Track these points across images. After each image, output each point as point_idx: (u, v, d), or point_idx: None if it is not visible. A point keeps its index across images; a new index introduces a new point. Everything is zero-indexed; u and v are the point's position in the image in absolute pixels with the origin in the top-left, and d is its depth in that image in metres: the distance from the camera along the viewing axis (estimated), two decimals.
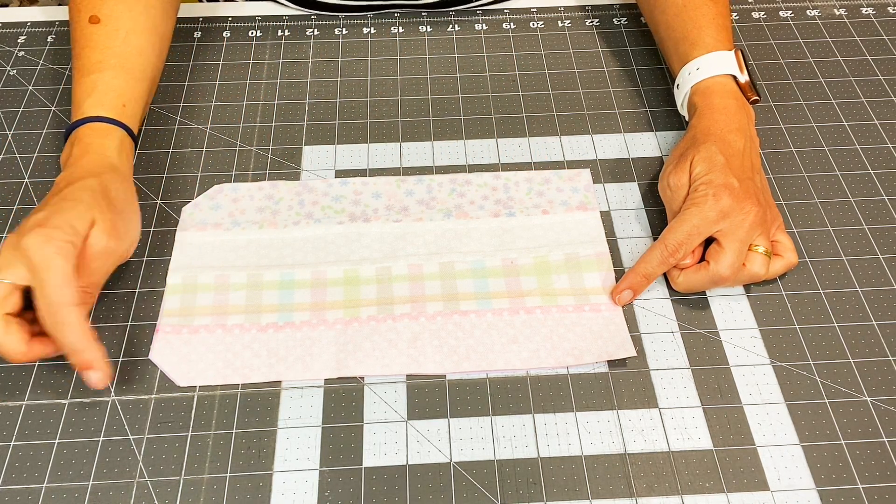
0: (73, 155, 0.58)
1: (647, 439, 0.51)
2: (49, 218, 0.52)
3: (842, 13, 0.80)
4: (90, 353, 0.50)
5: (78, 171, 0.56)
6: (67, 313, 0.49)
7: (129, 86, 0.62)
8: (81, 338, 0.50)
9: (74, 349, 0.50)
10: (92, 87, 0.60)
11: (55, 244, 0.50)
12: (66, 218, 0.52)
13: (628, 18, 0.79)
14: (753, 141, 0.61)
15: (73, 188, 0.54)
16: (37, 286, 0.50)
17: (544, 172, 0.66)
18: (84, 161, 0.57)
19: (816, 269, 0.60)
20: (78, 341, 0.50)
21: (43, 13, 0.80)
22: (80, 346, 0.50)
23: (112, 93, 0.61)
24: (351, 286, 0.58)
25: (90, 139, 0.58)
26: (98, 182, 0.55)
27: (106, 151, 0.58)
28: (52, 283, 0.49)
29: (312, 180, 0.65)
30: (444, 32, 0.78)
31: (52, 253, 0.50)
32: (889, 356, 0.55)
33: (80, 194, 0.54)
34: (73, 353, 0.50)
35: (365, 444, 0.51)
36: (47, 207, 0.53)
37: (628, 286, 0.57)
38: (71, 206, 0.53)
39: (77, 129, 0.59)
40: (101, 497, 0.49)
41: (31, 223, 0.52)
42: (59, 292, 0.49)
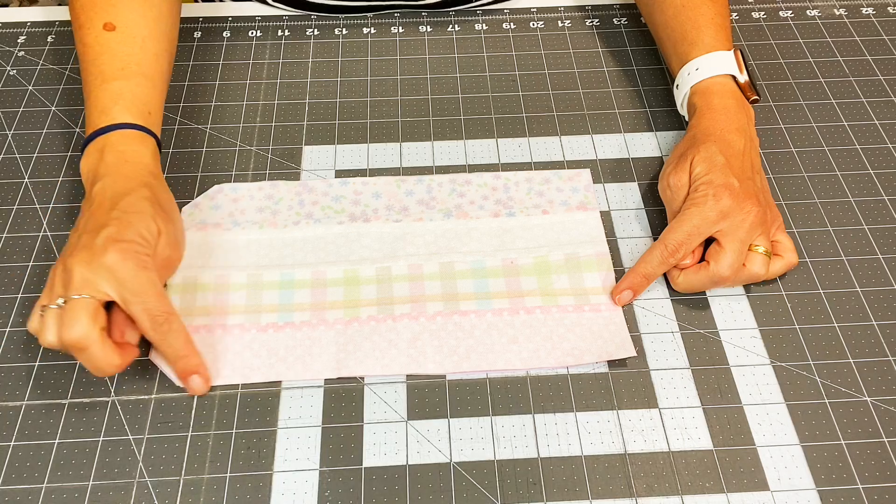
0: (108, 163, 0.56)
1: (647, 439, 0.51)
2: (121, 233, 0.51)
3: (842, 13, 0.80)
4: (195, 358, 0.53)
5: (123, 182, 0.55)
6: (173, 321, 0.51)
7: (152, 94, 0.61)
8: (186, 344, 0.52)
9: (181, 355, 0.52)
10: (118, 94, 0.59)
11: (139, 258, 0.51)
12: (138, 231, 0.52)
13: (628, 18, 0.79)
14: (753, 141, 0.61)
15: (131, 199, 0.54)
16: (135, 300, 0.50)
17: (544, 172, 0.66)
18: (125, 169, 0.56)
19: (816, 269, 0.60)
20: (183, 347, 0.52)
21: (43, 13, 0.80)
22: (185, 352, 0.52)
23: (138, 100, 0.60)
24: (351, 286, 0.58)
25: (125, 147, 0.57)
26: (150, 192, 0.55)
27: (144, 159, 0.57)
28: (152, 296, 0.51)
29: (312, 180, 0.65)
30: (444, 32, 0.78)
31: (140, 268, 0.51)
32: (889, 356, 0.55)
33: (142, 205, 0.54)
34: (179, 359, 0.52)
35: (365, 444, 0.51)
36: (112, 222, 0.52)
37: (628, 286, 0.57)
38: (138, 218, 0.53)
39: (106, 136, 0.57)
40: (101, 497, 0.49)
41: (104, 239, 0.51)
42: (161, 303, 0.51)
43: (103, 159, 0.56)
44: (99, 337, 0.49)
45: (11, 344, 0.56)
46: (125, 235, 0.51)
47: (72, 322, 0.49)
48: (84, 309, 0.49)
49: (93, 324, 0.49)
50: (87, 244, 0.51)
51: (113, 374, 0.52)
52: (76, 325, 0.48)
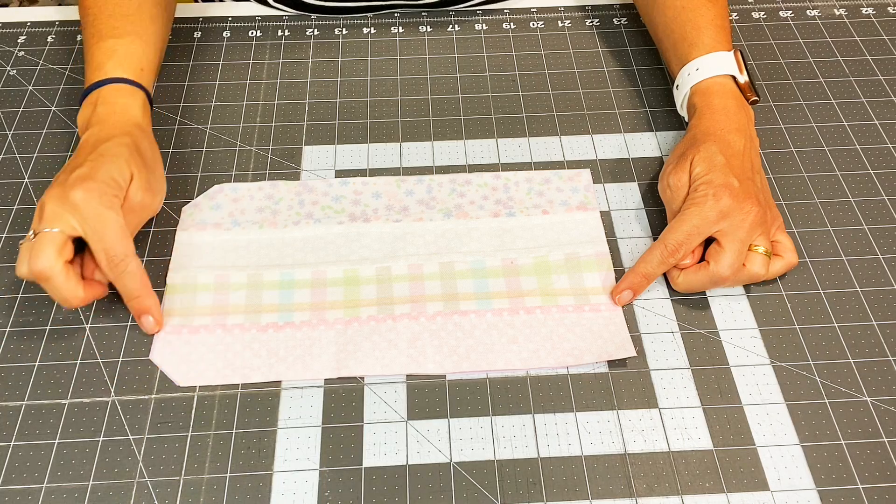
0: (98, 114, 0.60)
1: (647, 439, 0.51)
2: (92, 172, 0.54)
3: (842, 13, 0.80)
4: (149, 298, 0.55)
5: (108, 129, 0.58)
6: (129, 262, 0.54)
7: (145, 51, 0.64)
8: (141, 285, 0.55)
9: (135, 295, 0.54)
10: (111, 50, 0.63)
11: (105, 198, 0.54)
12: (109, 172, 0.55)
13: (628, 18, 0.79)
14: (753, 141, 0.61)
15: (109, 144, 0.57)
16: (94, 239, 0.53)
17: (544, 172, 0.66)
18: (112, 119, 0.59)
19: (816, 269, 0.60)
20: (138, 288, 0.54)
21: (43, 13, 0.80)
22: (140, 293, 0.54)
23: (132, 57, 0.63)
24: (351, 286, 0.58)
25: (115, 99, 0.61)
26: (131, 139, 0.58)
27: (131, 111, 0.61)
28: (112, 236, 0.53)
29: (312, 180, 0.65)
30: (444, 32, 0.78)
31: (105, 207, 0.53)
32: (889, 356, 0.55)
33: (118, 150, 0.57)
34: (133, 299, 0.55)
35: (365, 444, 0.51)
36: (87, 163, 0.55)
37: (628, 286, 0.57)
38: (111, 161, 0.55)
39: (99, 90, 0.61)
40: (101, 497, 0.49)
41: (75, 177, 0.54)
42: (119, 244, 0.53)
43: (95, 111, 0.60)
44: (62, 268, 0.52)
45: (11, 344, 0.56)
46: (95, 175, 0.54)
47: (38, 253, 0.52)
48: (50, 241, 0.52)
49: (57, 256, 0.52)
50: (61, 181, 0.54)
51: (77, 307, 0.55)
52: (41, 256, 0.51)
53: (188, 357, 0.55)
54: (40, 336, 0.56)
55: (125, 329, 0.56)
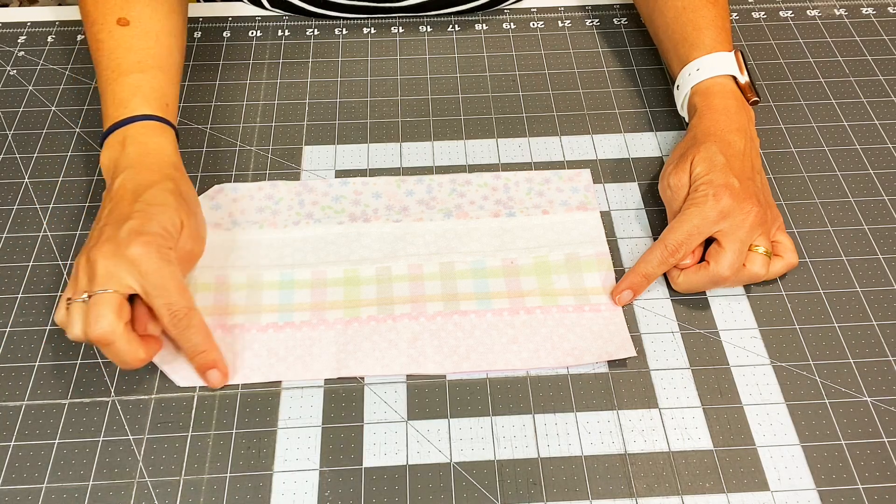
0: (129, 155, 0.56)
1: (647, 439, 0.51)
2: (144, 226, 0.51)
3: (842, 13, 0.80)
4: (214, 352, 0.53)
5: (146, 174, 0.55)
6: (192, 316, 0.52)
7: (168, 86, 0.62)
8: (206, 339, 0.53)
9: (200, 350, 0.52)
10: (135, 86, 0.60)
11: (163, 252, 0.51)
12: (162, 223, 0.52)
13: (628, 18, 0.79)
14: (754, 141, 0.61)
15: (154, 192, 0.54)
16: (155, 294, 0.51)
17: (544, 172, 0.66)
18: (147, 161, 0.56)
19: (816, 269, 0.60)
20: (203, 342, 0.52)
21: (43, 13, 0.80)
22: (204, 347, 0.52)
23: (156, 92, 0.60)
24: (351, 286, 0.58)
25: (147, 138, 0.58)
26: (174, 185, 0.55)
27: (165, 150, 0.58)
28: (174, 290, 0.51)
29: (312, 180, 0.65)
30: (444, 32, 0.78)
31: (163, 261, 0.51)
32: (889, 356, 0.55)
33: (165, 198, 0.54)
34: (198, 354, 0.52)
35: (365, 444, 0.51)
36: (136, 215, 0.52)
37: (628, 286, 0.57)
38: (161, 212, 0.53)
39: (125, 128, 0.58)
40: (101, 497, 0.49)
41: (128, 232, 0.51)
42: (182, 297, 0.51)
43: (125, 151, 0.57)
44: (124, 331, 0.50)
45: (11, 344, 0.56)
46: (149, 228, 0.51)
47: (97, 317, 0.49)
48: (108, 304, 0.49)
49: (118, 319, 0.49)
50: (110, 236, 0.51)
51: (139, 368, 0.52)
52: (101, 320, 0.49)
53: None
54: (40, 336, 0.56)
55: None
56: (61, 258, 0.60)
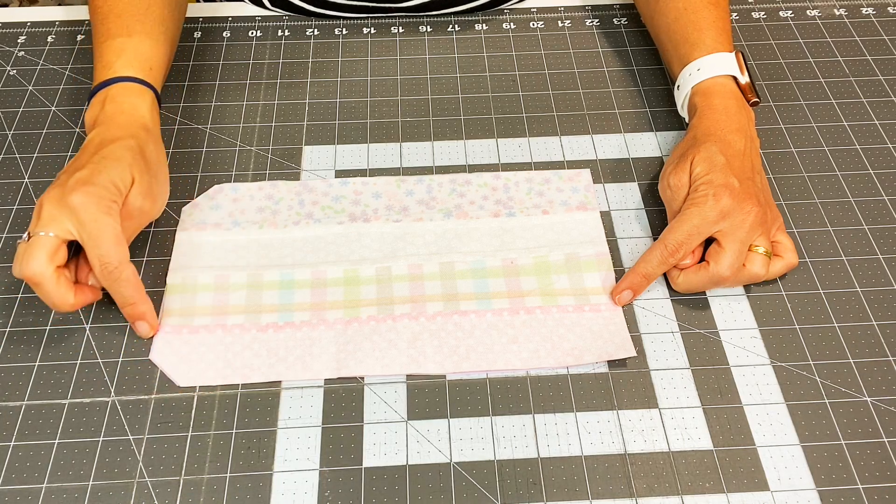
0: (106, 112, 0.59)
1: (647, 439, 0.51)
2: (93, 176, 0.53)
3: (842, 13, 0.80)
4: (143, 305, 0.54)
5: (114, 130, 0.58)
6: (123, 269, 0.53)
7: (154, 51, 0.64)
8: (136, 291, 0.54)
9: (129, 302, 0.54)
10: (120, 49, 0.62)
11: (103, 203, 0.53)
12: (110, 177, 0.54)
13: (628, 18, 0.79)
14: (754, 141, 0.61)
15: (113, 147, 0.56)
16: (90, 245, 0.52)
17: (544, 172, 0.66)
18: (119, 119, 0.59)
19: (816, 269, 0.60)
20: (133, 294, 0.54)
21: (43, 13, 0.80)
22: (135, 299, 0.54)
23: (141, 56, 0.63)
24: (351, 286, 0.58)
25: (123, 98, 0.60)
26: (136, 142, 0.57)
27: (139, 111, 0.60)
28: (107, 243, 0.52)
29: (312, 180, 0.65)
30: (444, 32, 0.78)
31: (102, 212, 0.52)
32: (889, 356, 0.55)
33: (121, 153, 0.56)
34: (127, 306, 0.54)
35: (365, 444, 0.51)
36: (89, 165, 0.54)
37: (628, 286, 0.57)
38: (113, 165, 0.55)
39: (107, 88, 0.60)
40: (101, 497, 0.49)
41: (75, 181, 0.53)
42: (115, 250, 0.53)
43: (103, 109, 0.59)
44: (53, 274, 0.51)
45: (11, 344, 0.56)
46: (95, 179, 0.53)
47: (30, 258, 0.51)
48: (42, 246, 0.51)
49: (48, 261, 0.51)
50: (61, 182, 0.54)
51: (67, 311, 0.54)
52: (33, 261, 0.51)
53: (188, 357, 0.55)
54: (40, 336, 0.56)
55: (125, 329, 0.56)
56: None
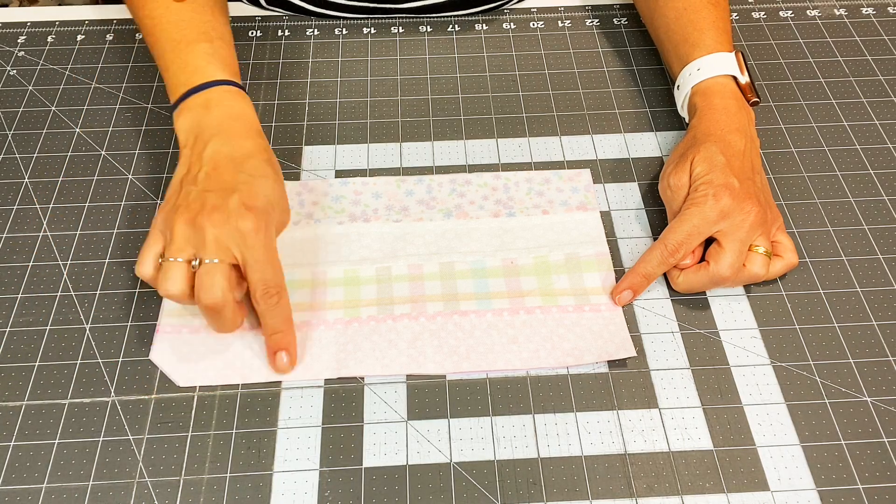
0: (217, 117, 0.57)
1: (647, 439, 0.51)
2: (252, 199, 0.53)
3: (842, 13, 0.80)
4: (290, 335, 0.54)
5: (241, 140, 0.56)
6: (282, 296, 0.53)
7: (232, 54, 0.63)
8: (286, 321, 0.53)
9: (278, 329, 0.53)
10: (209, 54, 0.60)
11: (268, 228, 0.53)
12: (267, 198, 0.54)
13: (628, 18, 0.79)
14: (754, 141, 0.61)
15: (255, 163, 0.55)
16: (256, 267, 0.51)
17: (544, 172, 0.66)
18: (238, 126, 0.57)
19: (816, 269, 0.60)
20: (282, 324, 0.53)
21: (43, 13, 0.80)
22: (282, 328, 0.53)
23: (227, 60, 0.61)
24: (351, 286, 0.58)
25: (229, 102, 0.59)
26: (267, 155, 0.57)
27: (249, 116, 0.59)
28: (272, 267, 0.52)
29: (312, 180, 0.65)
30: (444, 32, 0.78)
31: (268, 237, 0.52)
32: (889, 356, 0.55)
33: (265, 169, 0.55)
34: (275, 333, 0.53)
35: (365, 444, 0.51)
36: (241, 186, 0.53)
37: (628, 286, 0.57)
38: (264, 185, 0.54)
39: (206, 92, 0.58)
40: (101, 497, 0.49)
41: (238, 204, 0.52)
42: (276, 276, 0.52)
43: (210, 113, 0.57)
44: (232, 300, 0.51)
45: (11, 344, 0.56)
46: (256, 203, 0.53)
47: (211, 287, 0.50)
48: (221, 274, 0.51)
49: (229, 289, 0.51)
50: (217, 205, 0.52)
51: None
52: (216, 289, 0.50)
53: (188, 357, 0.55)
54: (40, 336, 0.56)
55: (125, 329, 0.56)
56: (61, 258, 0.60)
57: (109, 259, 0.60)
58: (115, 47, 0.76)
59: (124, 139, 0.68)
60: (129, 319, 0.57)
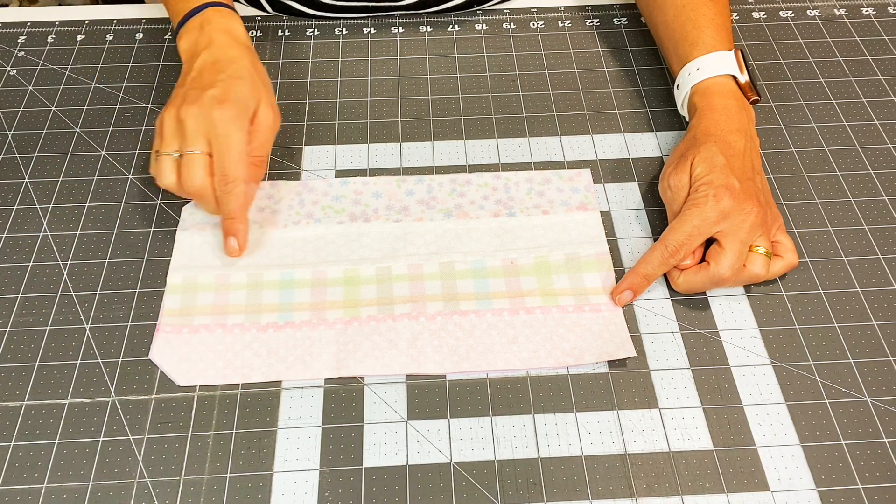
0: (209, 34, 0.63)
1: (647, 439, 0.51)
2: (226, 94, 0.58)
3: (842, 13, 0.80)
4: (241, 223, 0.59)
5: (226, 51, 0.62)
6: (238, 185, 0.57)
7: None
8: (240, 208, 0.58)
9: (231, 216, 0.58)
10: None
11: (239, 121, 0.57)
12: (242, 94, 0.59)
13: (628, 18, 0.79)
14: (754, 141, 0.61)
15: (235, 67, 0.60)
16: (217, 155, 0.57)
17: (544, 172, 0.66)
18: (224, 39, 0.62)
19: (816, 269, 0.60)
20: (236, 209, 0.58)
21: (43, 13, 0.80)
22: (235, 215, 0.58)
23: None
24: (351, 286, 0.58)
25: (219, 20, 0.64)
26: (250, 61, 0.62)
27: (237, 31, 0.64)
28: (232, 158, 0.57)
29: (313, 180, 0.65)
30: (444, 32, 0.78)
31: (236, 129, 0.57)
32: (889, 356, 0.55)
33: (244, 72, 0.60)
34: (227, 219, 0.58)
35: (365, 444, 0.51)
36: (218, 84, 0.58)
37: (628, 286, 0.57)
38: (241, 84, 0.59)
39: (200, 14, 0.64)
40: (101, 497, 0.49)
41: (211, 98, 0.57)
42: (236, 167, 0.57)
43: (203, 32, 0.63)
44: (211, 185, 0.57)
45: (11, 344, 0.56)
46: (230, 97, 0.58)
47: (191, 176, 0.57)
48: (200, 164, 0.57)
49: (208, 176, 0.57)
50: (195, 98, 0.58)
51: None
52: (195, 178, 0.57)
53: (188, 357, 0.55)
54: (40, 336, 0.56)
55: (125, 329, 0.56)
56: (61, 258, 0.60)
57: (109, 259, 0.60)
58: (115, 47, 0.76)
59: (124, 139, 0.68)
60: (129, 319, 0.57)
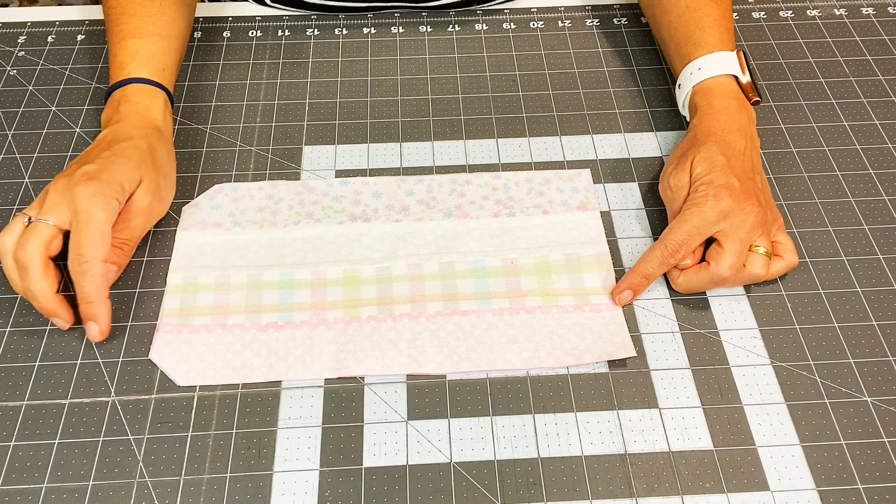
0: (121, 112, 0.61)
1: (647, 439, 0.51)
2: (100, 172, 0.55)
3: (842, 13, 0.80)
4: (99, 307, 0.54)
5: (127, 129, 0.60)
6: (93, 265, 0.53)
7: (167, 52, 0.66)
8: (97, 291, 0.54)
9: (88, 300, 0.54)
10: (134, 50, 0.64)
11: (102, 199, 0.54)
12: (117, 175, 0.56)
13: (628, 18, 0.79)
14: (754, 141, 0.61)
15: (124, 145, 0.58)
16: (73, 234, 0.54)
17: (544, 172, 0.66)
18: (132, 119, 0.61)
19: (816, 269, 0.60)
20: (92, 293, 0.54)
21: (43, 13, 0.80)
22: (93, 298, 0.54)
23: (153, 57, 0.65)
24: (351, 286, 0.58)
25: (137, 99, 0.62)
26: (146, 143, 0.59)
27: (152, 113, 0.62)
28: (89, 236, 0.53)
29: (313, 180, 0.65)
30: (444, 32, 0.78)
31: (99, 207, 0.54)
32: (889, 356, 0.55)
33: (131, 153, 0.58)
34: (85, 303, 0.54)
35: (365, 444, 0.51)
36: (98, 160, 0.56)
37: (628, 286, 0.57)
38: (122, 164, 0.57)
39: (122, 89, 0.63)
40: (101, 497, 0.49)
41: (82, 173, 0.55)
42: (92, 245, 0.53)
43: (118, 110, 0.62)
44: (41, 263, 0.53)
45: (11, 344, 0.56)
46: (101, 175, 0.55)
47: (25, 242, 0.53)
48: (40, 234, 0.54)
49: (42, 249, 0.53)
50: (69, 172, 0.56)
51: (44, 307, 0.54)
52: (28, 245, 0.53)
53: (188, 357, 0.55)
54: (40, 336, 0.56)
55: (125, 329, 0.56)
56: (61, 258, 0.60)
57: None
58: None
59: None
60: (129, 319, 0.57)
